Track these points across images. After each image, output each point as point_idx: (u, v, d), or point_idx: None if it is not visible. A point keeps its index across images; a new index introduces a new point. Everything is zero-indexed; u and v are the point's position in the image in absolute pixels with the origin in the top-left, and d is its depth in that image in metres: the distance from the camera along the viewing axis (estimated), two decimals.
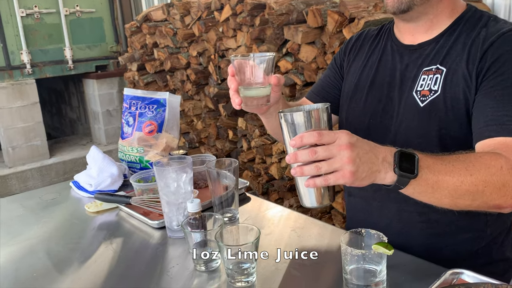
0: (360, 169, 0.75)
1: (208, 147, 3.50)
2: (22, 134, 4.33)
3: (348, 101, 1.20)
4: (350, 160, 0.74)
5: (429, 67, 1.03)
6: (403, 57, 1.09)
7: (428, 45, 1.06)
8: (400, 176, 0.78)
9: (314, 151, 0.75)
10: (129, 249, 1.10)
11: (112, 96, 4.81)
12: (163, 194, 1.09)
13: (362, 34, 1.25)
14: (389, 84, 1.10)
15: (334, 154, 0.75)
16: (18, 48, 4.34)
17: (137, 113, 1.55)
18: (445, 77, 1.00)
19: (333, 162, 0.75)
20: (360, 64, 1.20)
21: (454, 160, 0.83)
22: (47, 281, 0.96)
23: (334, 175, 0.75)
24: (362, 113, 1.15)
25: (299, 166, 0.77)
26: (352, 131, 1.17)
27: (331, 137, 0.75)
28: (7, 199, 1.53)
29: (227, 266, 0.89)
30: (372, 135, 1.11)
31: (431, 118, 1.01)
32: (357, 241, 0.87)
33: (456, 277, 0.83)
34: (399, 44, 1.12)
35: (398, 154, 0.79)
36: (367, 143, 0.79)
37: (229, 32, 2.98)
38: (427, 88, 1.02)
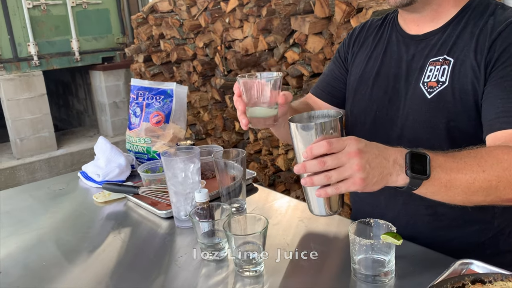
0: (371, 175, 0.75)
1: (215, 138, 3.50)
2: (30, 126, 4.35)
3: (353, 93, 1.19)
4: (359, 167, 0.74)
5: (436, 57, 1.01)
6: (409, 48, 1.07)
7: (434, 35, 1.03)
8: (412, 178, 0.77)
9: (323, 161, 0.74)
10: (137, 238, 1.11)
11: (118, 87, 4.82)
12: (171, 184, 1.09)
13: (366, 25, 1.23)
14: (395, 75, 1.08)
15: (343, 162, 0.74)
16: (25, 40, 4.35)
17: (144, 103, 1.55)
18: (453, 68, 0.98)
19: (343, 171, 0.74)
20: (365, 56, 1.18)
21: (465, 156, 0.82)
22: (57, 270, 0.97)
23: (345, 183, 0.75)
24: (368, 106, 1.13)
25: (309, 176, 0.77)
26: (358, 124, 1.17)
27: (340, 145, 0.75)
28: (16, 189, 1.54)
29: (235, 256, 0.89)
30: (378, 128, 1.11)
31: (439, 110, 0.99)
32: (366, 231, 0.86)
33: (465, 267, 0.82)
34: (404, 34, 1.10)
35: (409, 155, 0.78)
36: (376, 147, 0.78)
37: (235, 23, 2.96)
38: (434, 79, 1.00)
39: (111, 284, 0.91)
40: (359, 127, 1.18)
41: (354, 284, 0.84)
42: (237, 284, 0.88)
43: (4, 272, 0.97)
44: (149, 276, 0.92)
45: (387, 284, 0.83)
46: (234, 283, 0.88)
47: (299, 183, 2.80)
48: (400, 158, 0.78)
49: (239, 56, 2.94)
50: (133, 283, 0.90)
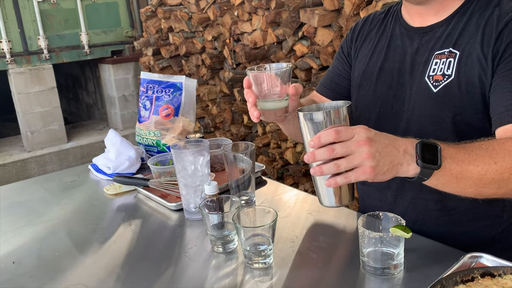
0: (381, 164, 0.74)
1: (223, 131, 3.51)
2: (40, 119, 4.40)
3: (357, 89, 1.18)
4: (369, 155, 0.73)
5: (441, 50, 0.99)
6: (413, 41, 1.05)
7: (439, 27, 1.02)
8: (423, 168, 0.76)
9: (332, 148, 0.74)
10: (148, 230, 1.12)
11: (127, 81, 4.84)
12: (180, 177, 1.10)
13: (368, 19, 1.21)
14: (399, 69, 1.07)
15: (352, 150, 0.73)
16: (35, 34, 4.38)
17: (154, 96, 1.55)
18: (459, 60, 0.96)
19: (352, 159, 0.74)
20: (368, 50, 1.17)
21: (477, 148, 0.81)
22: (69, 260, 0.99)
23: (355, 172, 0.74)
24: (372, 101, 1.12)
25: (318, 166, 0.76)
26: (363, 120, 1.17)
27: (348, 133, 0.74)
28: (29, 180, 1.56)
29: (244, 248, 0.90)
30: (383, 124, 1.10)
31: (445, 104, 0.98)
32: (375, 224, 0.87)
33: (474, 260, 0.82)
34: (408, 27, 1.08)
35: (420, 145, 0.77)
36: (386, 136, 0.77)
37: (244, 15, 2.96)
38: (440, 72, 0.98)
39: (122, 275, 0.92)
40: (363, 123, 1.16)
41: (363, 277, 0.85)
42: (246, 276, 0.89)
43: (18, 261, 0.99)
44: (159, 267, 0.93)
45: (396, 277, 0.83)
46: (243, 275, 0.89)
47: (308, 177, 2.80)
48: (410, 148, 0.77)
49: (247, 49, 2.94)
50: (143, 274, 0.91)
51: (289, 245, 0.98)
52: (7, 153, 4.39)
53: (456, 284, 0.72)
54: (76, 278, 0.92)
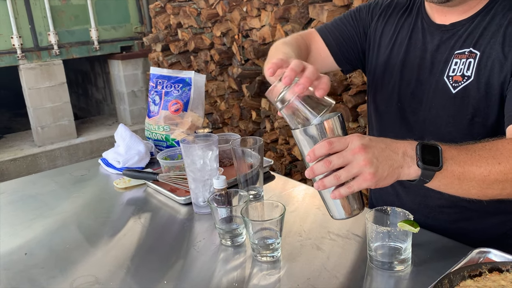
0: (380, 169, 0.73)
1: (232, 127, 3.52)
2: (50, 114, 4.44)
3: (377, 80, 1.15)
4: (366, 161, 0.72)
5: (462, 50, 0.97)
6: (434, 37, 1.03)
7: (461, 25, 0.99)
8: (424, 170, 0.74)
9: (329, 161, 0.73)
10: (157, 224, 1.13)
11: (137, 77, 4.87)
12: (189, 171, 1.11)
13: (392, 3, 1.16)
14: (419, 66, 1.05)
15: (349, 160, 0.73)
16: (45, 29, 4.42)
17: (163, 92, 1.56)
18: (479, 61, 0.94)
19: (351, 168, 0.73)
20: (389, 39, 1.14)
21: (480, 149, 0.80)
22: (80, 253, 1.00)
23: (356, 181, 0.74)
24: (391, 96, 1.11)
25: (320, 180, 0.76)
26: (378, 114, 1.16)
27: (342, 143, 0.73)
28: (39, 174, 1.59)
29: (253, 241, 0.91)
30: (399, 120, 1.09)
31: (464, 106, 0.96)
32: (383, 219, 0.87)
33: (482, 256, 0.82)
34: (430, 22, 1.05)
35: (420, 146, 0.75)
36: (382, 141, 0.76)
37: (253, 11, 2.96)
38: (459, 73, 0.96)
39: (131, 267, 0.93)
40: (379, 117, 1.16)
41: (371, 271, 0.85)
42: (254, 269, 0.89)
43: (29, 253, 1.01)
44: (169, 260, 0.95)
45: (403, 271, 0.84)
46: (251, 268, 0.90)
47: None
48: (410, 150, 0.76)
49: (256, 45, 2.94)
50: (153, 266, 0.92)
51: (297, 239, 0.98)
52: (18, 147, 4.44)
53: (463, 279, 0.72)
54: (87, 270, 0.93)
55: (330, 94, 2.52)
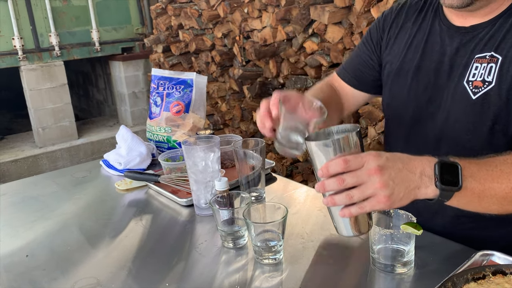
0: (396, 191, 0.70)
1: (233, 129, 3.52)
2: (51, 115, 4.44)
3: (390, 85, 1.12)
4: (382, 184, 0.69)
5: (483, 53, 0.93)
6: (453, 40, 0.99)
7: (482, 28, 0.95)
8: (442, 190, 0.72)
9: (342, 179, 0.70)
10: (158, 225, 1.13)
11: (138, 78, 4.87)
12: (191, 173, 1.10)
13: (404, 7, 1.12)
14: (437, 70, 1.01)
15: (364, 180, 0.70)
16: (46, 31, 4.42)
17: (164, 93, 1.56)
18: (501, 66, 0.90)
19: (365, 189, 0.70)
20: (404, 43, 1.10)
21: (501, 163, 0.76)
22: (81, 254, 1.00)
23: (369, 202, 0.71)
24: (406, 101, 1.07)
25: (330, 196, 0.73)
26: (395, 120, 1.12)
27: (358, 162, 0.70)
28: (41, 176, 1.58)
29: (255, 243, 0.90)
30: (416, 127, 1.05)
31: (484, 112, 0.92)
32: (386, 221, 0.86)
33: (486, 258, 0.82)
34: (449, 24, 1.00)
35: (439, 165, 0.72)
36: (400, 159, 0.72)
37: (254, 13, 2.96)
38: (480, 78, 0.92)
39: (133, 269, 0.93)
40: (396, 123, 1.13)
41: (373, 274, 0.85)
42: (257, 272, 0.89)
43: (31, 255, 1.01)
44: (170, 262, 0.94)
45: (406, 274, 0.83)
46: (253, 270, 0.90)
47: None
48: (428, 169, 0.72)
49: (257, 46, 2.94)
50: (154, 268, 0.92)
51: (299, 241, 0.98)
52: (19, 148, 4.44)
53: (467, 281, 0.72)
54: (88, 272, 0.93)
55: None
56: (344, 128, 0.80)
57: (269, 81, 3.07)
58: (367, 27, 2.22)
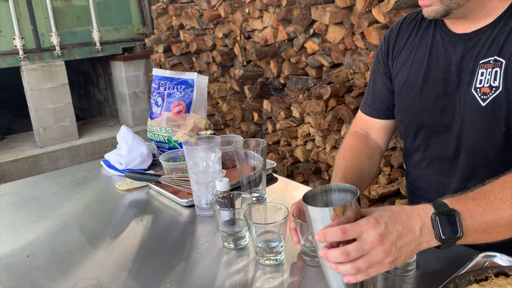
0: (399, 255, 0.70)
1: (233, 129, 3.51)
2: (52, 115, 4.44)
3: (400, 100, 1.10)
4: (386, 253, 0.69)
5: (487, 59, 0.92)
6: (457, 48, 0.98)
7: (484, 32, 0.94)
8: (444, 242, 0.72)
9: (347, 253, 0.69)
10: (159, 226, 1.12)
11: (138, 78, 4.87)
12: (192, 173, 1.10)
13: (403, 25, 1.12)
14: (445, 80, 1.00)
15: (367, 252, 0.69)
16: (47, 31, 4.42)
17: (165, 93, 1.56)
18: (505, 70, 0.89)
19: (370, 260, 0.69)
20: (406, 58, 1.09)
21: (499, 191, 0.75)
22: (81, 254, 1.00)
23: (375, 269, 0.70)
24: (419, 114, 1.05)
25: (335, 264, 0.71)
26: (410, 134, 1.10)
27: (355, 232, 0.69)
28: (41, 176, 1.58)
29: (256, 244, 0.90)
30: (433, 139, 1.04)
31: (495, 119, 0.91)
32: None
33: (488, 260, 0.81)
34: (450, 33, 1.00)
35: (437, 218, 0.71)
36: (398, 221, 0.71)
37: (255, 13, 2.95)
38: (487, 84, 0.91)
39: (133, 269, 0.93)
40: (411, 135, 1.11)
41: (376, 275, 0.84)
42: (258, 272, 0.89)
43: (31, 255, 1.00)
44: (171, 263, 0.94)
45: (408, 275, 0.83)
46: (254, 271, 0.89)
47: (317, 174, 2.80)
48: (427, 223, 0.72)
49: (258, 47, 2.94)
50: (155, 269, 0.92)
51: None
52: (19, 148, 4.44)
53: (469, 283, 0.72)
54: (89, 272, 0.93)
55: (332, 96, 2.51)
56: (344, 187, 0.77)
57: (270, 81, 3.07)
58: (368, 28, 2.22)
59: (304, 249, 0.88)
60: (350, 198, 0.75)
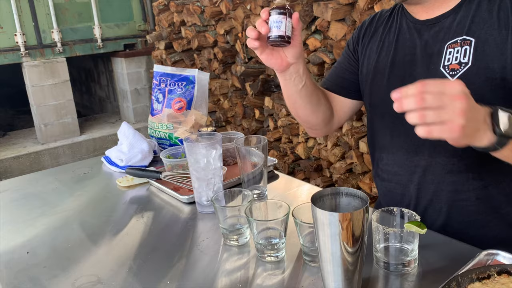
0: (469, 124, 0.68)
1: (235, 126, 3.51)
2: (53, 112, 4.44)
3: (369, 85, 1.16)
4: (462, 112, 0.66)
5: (454, 39, 0.97)
6: (422, 34, 1.04)
7: (445, 17, 1.00)
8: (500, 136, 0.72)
9: (422, 98, 0.66)
10: (160, 222, 1.12)
11: (140, 74, 4.86)
12: (193, 170, 1.10)
13: (375, 17, 1.20)
14: (411, 62, 1.05)
15: (445, 104, 0.66)
16: (49, 27, 4.41)
17: (166, 90, 1.56)
18: (475, 47, 0.94)
19: (442, 113, 0.66)
20: (376, 46, 1.15)
21: None
22: (82, 251, 0.99)
23: (440, 128, 0.67)
24: (387, 96, 1.07)
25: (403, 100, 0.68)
26: (378, 116, 1.15)
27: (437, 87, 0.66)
28: (42, 172, 1.58)
29: (257, 241, 0.90)
30: (400, 119, 1.06)
31: None
32: (389, 220, 0.86)
33: (491, 258, 0.81)
34: (414, 20, 1.06)
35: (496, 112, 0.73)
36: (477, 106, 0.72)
37: (257, 9, 2.94)
38: (455, 61, 0.96)
39: (134, 266, 0.92)
40: (379, 119, 1.15)
41: (376, 273, 0.84)
42: (259, 269, 0.88)
43: (31, 252, 1.00)
44: (172, 259, 0.94)
45: (410, 273, 0.82)
46: (255, 268, 0.89)
47: (319, 172, 2.79)
48: (488, 117, 0.73)
49: None
50: (155, 266, 0.91)
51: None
52: (21, 145, 4.45)
53: (472, 281, 0.71)
54: (89, 269, 0.92)
55: None
56: (352, 192, 0.76)
57: (272, 78, 3.06)
58: None
59: (304, 249, 0.88)
60: (358, 204, 0.75)
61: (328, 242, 0.72)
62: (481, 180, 1.00)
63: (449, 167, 1.02)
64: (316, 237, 0.74)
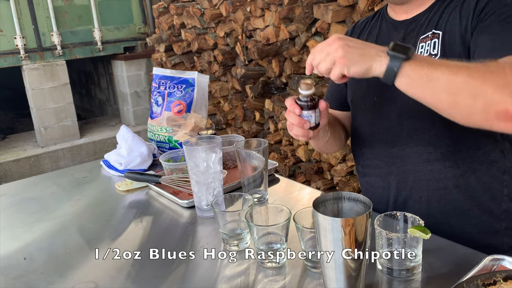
0: (350, 53, 0.82)
1: (235, 128, 3.50)
2: (53, 115, 4.43)
3: (351, 83, 1.20)
4: (338, 47, 0.82)
5: (425, 34, 1.03)
6: (399, 32, 1.10)
7: (422, 16, 1.06)
8: (392, 57, 0.80)
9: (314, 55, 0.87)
10: (159, 227, 1.11)
11: (140, 77, 4.86)
12: (192, 174, 1.08)
13: (356, 25, 1.26)
14: None
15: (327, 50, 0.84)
16: (49, 30, 4.41)
17: (166, 92, 1.54)
18: (443, 39, 0.99)
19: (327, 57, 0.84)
20: None
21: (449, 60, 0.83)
22: (80, 257, 0.98)
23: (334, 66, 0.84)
24: (366, 93, 1.15)
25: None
26: (359, 110, 1.20)
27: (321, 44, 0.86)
28: (40, 176, 1.57)
29: (257, 246, 0.88)
30: (379, 111, 1.13)
31: None
32: (392, 224, 0.84)
33: (496, 263, 0.79)
34: (393, 21, 1.13)
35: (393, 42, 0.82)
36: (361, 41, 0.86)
37: (257, 11, 2.93)
38: (426, 54, 1.01)
39: (132, 272, 0.91)
40: (360, 112, 1.20)
41: (379, 278, 0.82)
42: (259, 275, 0.87)
43: (29, 258, 0.99)
44: (171, 265, 0.92)
45: (413, 279, 0.81)
46: (255, 274, 0.87)
47: (320, 174, 2.78)
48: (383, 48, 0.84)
49: (260, 46, 2.92)
50: (154, 272, 0.90)
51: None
52: (21, 148, 4.44)
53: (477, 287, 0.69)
54: (87, 275, 0.91)
55: None
56: (355, 197, 0.75)
57: (272, 80, 3.05)
58: None
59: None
60: (361, 208, 0.74)
61: (331, 247, 0.70)
62: (457, 168, 1.02)
63: (425, 156, 1.04)
64: (318, 242, 0.73)
